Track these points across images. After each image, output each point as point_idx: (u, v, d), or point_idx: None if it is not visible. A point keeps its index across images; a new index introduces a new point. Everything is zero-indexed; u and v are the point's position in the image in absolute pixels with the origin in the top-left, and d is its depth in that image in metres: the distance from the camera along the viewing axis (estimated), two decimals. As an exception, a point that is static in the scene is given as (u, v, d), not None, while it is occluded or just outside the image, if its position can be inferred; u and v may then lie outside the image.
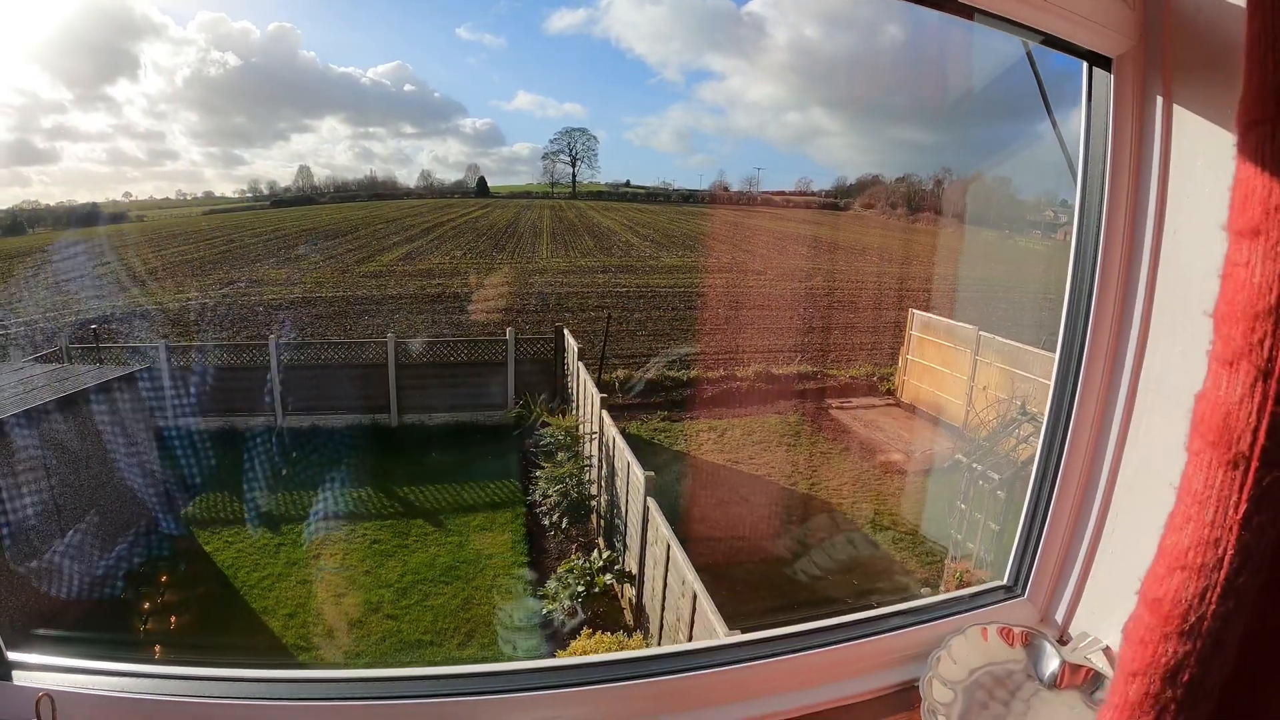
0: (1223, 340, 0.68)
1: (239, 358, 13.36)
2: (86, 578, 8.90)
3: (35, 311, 14.89)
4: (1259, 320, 0.64)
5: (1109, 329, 1.52)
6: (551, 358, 14.22)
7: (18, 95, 24.34)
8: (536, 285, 21.54)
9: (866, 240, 26.87)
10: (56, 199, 26.20)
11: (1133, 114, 1.43)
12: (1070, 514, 1.65)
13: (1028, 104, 1.60)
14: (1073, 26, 1.37)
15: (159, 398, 11.82)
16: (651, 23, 43.99)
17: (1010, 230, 19.71)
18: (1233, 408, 0.66)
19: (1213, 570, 0.68)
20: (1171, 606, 0.71)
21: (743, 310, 20.23)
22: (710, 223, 32.69)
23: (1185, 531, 0.70)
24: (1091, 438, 1.59)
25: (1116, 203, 1.46)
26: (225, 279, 20.23)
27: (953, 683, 1.50)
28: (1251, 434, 0.65)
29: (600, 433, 10.31)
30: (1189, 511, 0.70)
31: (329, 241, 25.00)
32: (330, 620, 8.76)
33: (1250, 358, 0.65)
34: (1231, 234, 0.68)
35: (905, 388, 14.57)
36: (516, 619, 8.88)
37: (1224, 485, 0.67)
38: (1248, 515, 0.66)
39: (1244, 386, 0.65)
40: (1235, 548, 0.67)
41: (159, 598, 8.97)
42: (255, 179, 33.96)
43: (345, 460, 12.24)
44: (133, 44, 30.19)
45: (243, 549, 9.90)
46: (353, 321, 18.00)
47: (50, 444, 8.80)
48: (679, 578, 7.09)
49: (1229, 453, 0.67)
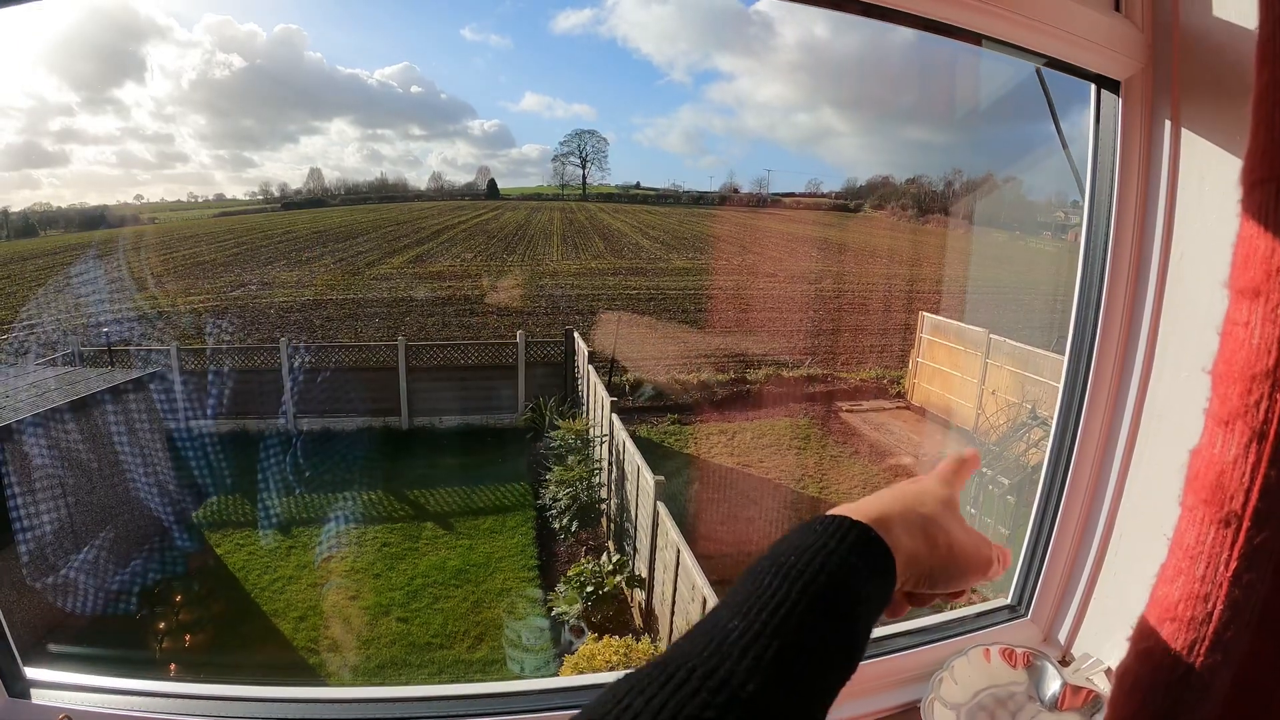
0: (1220, 399, 0.68)
1: (250, 360, 13.44)
2: (97, 579, 8.95)
3: (48, 315, 14.97)
4: (1256, 382, 0.64)
5: (1114, 352, 1.52)
6: (562, 360, 14.25)
7: (25, 98, 24.48)
8: (547, 288, 21.56)
9: (876, 242, 26.81)
10: (67, 201, 26.33)
11: (1140, 136, 1.43)
12: (1075, 534, 1.65)
13: (1039, 108, 1.61)
14: (1079, 50, 1.37)
15: (171, 401, 11.89)
16: (658, 22, 43.96)
17: (1021, 231, 19.63)
18: (1227, 467, 0.67)
19: (1202, 624, 0.69)
20: (1161, 658, 0.72)
21: (753, 313, 20.21)
22: (720, 225, 32.68)
23: (1176, 584, 0.71)
24: (1096, 459, 1.60)
25: (1124, 224, 1.46)
26: (236, 281, 20.33)
27: (954, 705, 1.50)
28: (1245, 494, 0.65)
29: (610, 436, 10.33)
30: (1180, 565, 0.71)
31: (340, 244, 25.08)
32: (341, 623, 8.80)
33: (1246, 419, 0.65)
34: (1233, 292, 0.68)
35: (916, 391, 14.53)
36: (526, 624, 8.91)
37: (1215, 542, 0.68)
38: (1238, 573, 0.67)
39: (1239, 447, 0.66)
40: (1225, 603, 0.68)
41: (169, 601, 9.03)
42: (266, 181, 34.16)
43: (356, 463, 12.28)
44: (138, 46, 30.32)
45: (254, 551, 9.96)
46: (363, 324, 18.07)
47: (62, 447, 8.86)
48: (689, 582, 7.11)
49: (1221, 511, 0.67)
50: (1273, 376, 0.63)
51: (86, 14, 28.19)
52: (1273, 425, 0.63)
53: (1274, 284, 0.63)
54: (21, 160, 25.21)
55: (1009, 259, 18.72)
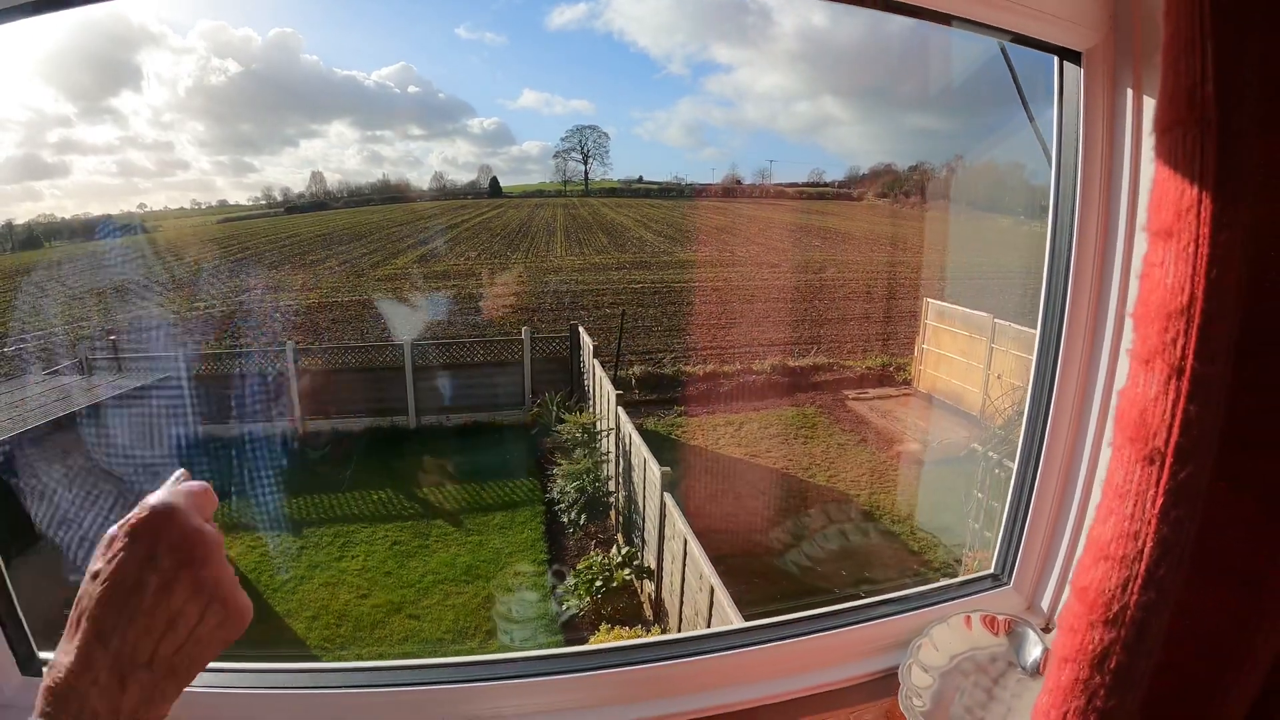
0: (1140, 338, 0.71)
1: (257, 364, 13.48)
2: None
3: (55, 324, 15.07)
4: (1172, 320, 0.67)
5: (1085, 321, 1.53)
6: (567, 355, 14.27)
7: (23, 110, 24.53)
8: (551, 284, 21.59)
9: (880, 230, 26.75)
10: (70, 212, 26.43)
11: (1104, 107, 1.44)
12: (1053, 502, 1.66)
13: (1042, 92, 1.62)
14: (1042, 25, 1.39)
15: (179, 405, 11.96)
16: (654, 15, 43.75)
17: (1025, 216, 19.58)
18: (1149, 404, 0.69)
19: (1134, 561, 0.71)
20: (1096, 596, 0.74)
21: (757, 303, 20.20)
22: (723, 216, 32.59)
23: (1108, 524, 0.73)
24: (1072, 426, 1.61)
25: (1089, 191, 1.47)
26: (242, 286, 20.40)
27: (933, 668, 1.53)
28: (1166, 430, 0.68)
29: (617, 429, 10.34)
30: (1111, 505, 0.73)
31: (343, 246, 25.14)
32: (353, 621, 8.85)
33: (1164, 356, 0.67)
34: (1149, 235, 0.71)
35: (922, 377, 14.51)
36: (535, 616, 8.95)
37: (1142, 480, 0.70)
38: (1165, 509, 0.69)
39: (1159, 384, 0.68)
40: (1154, 540, 0.70)
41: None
42: (268, 186, 34.24)
43: (365, 462, 12.33)
44: (132, 55, 30.33)
45: (266, 553, 10.01)
46: (369, 325, 18.13)
47: (72, 454, 8.93)
48: (696, 572, 7.13)
49: (1146, 448, 0.69)
50: (1187, 314, 0.65)
51: (79, 25, 28.22)
52: (1189, 361, 0.65)
53: (1184, 224, 0.65)
54: (22, 172, 25.31)
55: (1012, 244, 18.66)
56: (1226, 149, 0.64)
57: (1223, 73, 0.64)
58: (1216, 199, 0.64)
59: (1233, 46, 0.64)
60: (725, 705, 1.50)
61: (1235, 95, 0.64)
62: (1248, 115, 0.64)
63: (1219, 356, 0.65)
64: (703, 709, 1.49)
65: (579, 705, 1.50)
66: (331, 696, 1.45)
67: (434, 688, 1.47)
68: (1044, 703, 0.80)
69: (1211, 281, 0.64)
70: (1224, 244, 0.64)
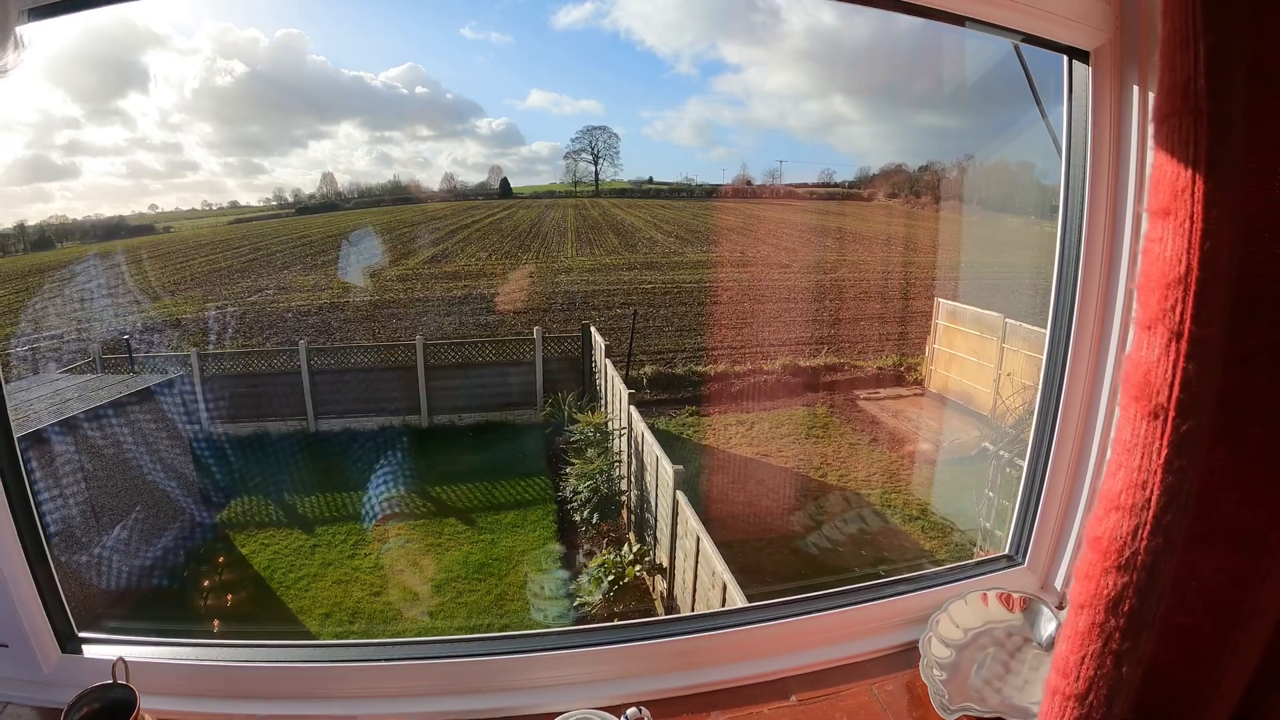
0: (1143, 307, 0.78)
1: (270, 363, 13.57)
2: (120, 582, 9.12)
3: (69, 324, 15.19)
4: (1170, 289, 0.74)
5: (1094, 308, 1.60)
6: (579, 355, 14.33)
7: (32, 112, 24.64)
8: (563, 284, 21.62)
9: (890, 230, 26.67)
10: (81, 213, 26.49)
11: (1111, 104, 1.51)
12: (1066, 482, 1.72)
13: (1054, 91, 1.68)
14: (1052, 25, 1.46)
15: (192, 404, 12.07)
16: (661, 13, 43.58)
17: (1036, 215, 19.52)
18: (1152, 365, 0.76)
19: (1142, 509, 0.78)
20: (1109, 543, 0.81)
21: (768, 303, 20.18)
22: (734, 217, 32.59)
23: (1118, 477, 0.80)
24: (1082, 411, 1.67)
25: (1098, 184, 1.54)
26: (254, 286, 20.50)
27: (952, 642, 1.59)
28: (1168, 388, 0.75)
29: (629, 428, 10.37)
30: (1120, 459, 0.80)
31: (355, 247, 25.24)
32: (366, 619, 8.92)
33: (1165, 322, 0.75)
34: (1149, 214, 0.78)
35: (933, 377, 14.51)
36: (550, 614, 9.01)
37: (1148, 434, 0.77)
38: (1169, 459, 0.76)
39: (1160, 347, 0.76)
40: (1160, 489, 0.77)
41: (196, 602, 9.20)
42: (279, 187, 34.26)
43: (377, 462, 12.40)
44: (139, 56, 30.38)
45: (279, 551, 10.08)
46: (381, 325, 18.21)
47: (86, 452, 9.02)
48: (709, 569, 7.17)
49: (1150, 405, 0.77)
50: (1184, 283, 0.73)
51: (84, 29, 28.24)
52: (1186, 325, 0.73)
53: (1180, 203, 0.73)
54: (32, 174, 25.40)
55: (1023, 244, 18.64)
56: (1218, 136, 0.72)
57: (1214, 68, 0.72)
58: (1209, 180, 0.72)
59: (1223, 44, 0.72)
60: (755, 676, 1.58)
61: (1225, 88, 0.72)
62: (1237, 106, 0.72)
63: (1214, 320, 0.73)
64: (734, 679, 1.57)
65: (616, 675, 1.57)
66: (384, 668, 1.54)
67: (479, 659, 1.55)
68: (1063, 650, 0.88)
69: (1205, 253, 0.72)
70: (1215, 220, 0.72)
